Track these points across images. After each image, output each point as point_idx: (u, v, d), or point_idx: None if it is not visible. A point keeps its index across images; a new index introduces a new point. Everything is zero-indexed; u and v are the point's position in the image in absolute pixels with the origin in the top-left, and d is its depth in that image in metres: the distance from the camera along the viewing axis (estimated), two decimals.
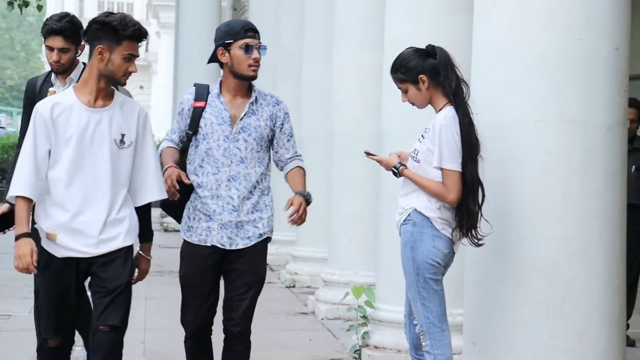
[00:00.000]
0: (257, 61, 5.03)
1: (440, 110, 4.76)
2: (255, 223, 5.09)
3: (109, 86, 4.66)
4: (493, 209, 4.77)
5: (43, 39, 5.67)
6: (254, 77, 5.07)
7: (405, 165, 4.81)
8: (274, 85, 12.91)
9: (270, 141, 5.16)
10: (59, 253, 4.62)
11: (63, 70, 5.63)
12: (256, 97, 5.12)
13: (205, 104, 5.08)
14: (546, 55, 4.72)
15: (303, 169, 5.22)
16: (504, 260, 4.80)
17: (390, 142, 6.48)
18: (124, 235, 4.64)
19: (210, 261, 5.07)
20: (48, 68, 5.73)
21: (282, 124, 5.16)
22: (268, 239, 5.16)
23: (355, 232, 8.57)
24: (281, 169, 5.26)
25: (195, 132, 5.07)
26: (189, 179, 5.03)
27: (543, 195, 4.73)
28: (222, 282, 5.17)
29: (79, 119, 4.59)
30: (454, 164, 4.67)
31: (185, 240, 5.13)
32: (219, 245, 5.05)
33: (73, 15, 5.67)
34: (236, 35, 5.02)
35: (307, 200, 5.05)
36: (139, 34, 4.60)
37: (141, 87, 52.52)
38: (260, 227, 5.10)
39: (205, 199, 5.04)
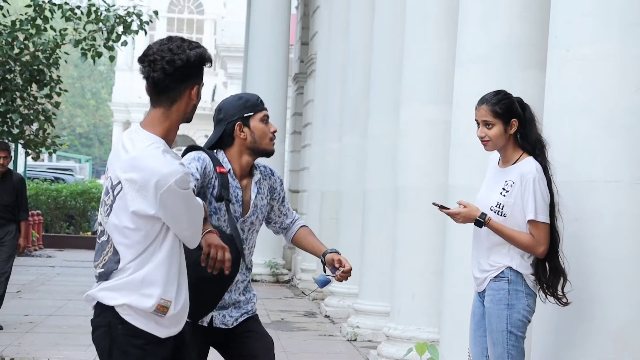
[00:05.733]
0: (275, 134, 4.63)
1: (517, 160, 4.73)
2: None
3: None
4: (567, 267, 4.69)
5: None
6: (273, 152, 4.63)
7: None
8: (339, 139, 12.93)
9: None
10: None
11: None
12: (259, 173, 4.65)
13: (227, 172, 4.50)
14: (619, 115, 4.67)
15: (309, 227, 4.81)
16: (573, 319, 4.71)
17: (457, 197, 6.36)
18: None
19: None
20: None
21: (280, 193, 4.72)
22: None
23: (419, 286, 8.46)
24: (285, 234, 4.77)
25: (220, 201, 4.45)
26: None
27: (614, 256, 4.65)
28: None
29: None
30: (547, 216, 4.66)
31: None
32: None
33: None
34: (255, 106, 4.56)
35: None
36: None
37: (206, 135, 53.04)
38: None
39: None
